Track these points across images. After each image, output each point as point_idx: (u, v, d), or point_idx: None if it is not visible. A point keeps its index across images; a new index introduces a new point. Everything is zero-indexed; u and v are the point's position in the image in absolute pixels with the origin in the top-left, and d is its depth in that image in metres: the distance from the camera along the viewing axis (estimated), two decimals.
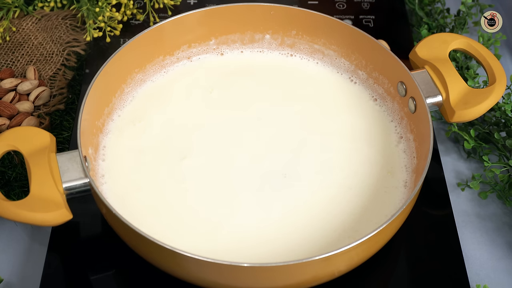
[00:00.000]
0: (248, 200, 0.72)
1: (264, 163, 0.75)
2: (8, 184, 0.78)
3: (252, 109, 0.80)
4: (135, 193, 0.72)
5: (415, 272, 0.73)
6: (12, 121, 0.83)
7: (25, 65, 0.91)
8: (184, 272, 0.65)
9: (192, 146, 0.76)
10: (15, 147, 0.67)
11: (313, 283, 0.66)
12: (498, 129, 0.85)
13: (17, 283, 0.73)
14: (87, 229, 0.75)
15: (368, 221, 0.70)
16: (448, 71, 0.77)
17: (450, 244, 0.74)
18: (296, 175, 0.74)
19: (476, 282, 0.74)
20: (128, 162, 0.75)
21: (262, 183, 0.73)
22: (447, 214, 0.76)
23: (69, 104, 0.88)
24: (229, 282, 0.64)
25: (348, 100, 0.82)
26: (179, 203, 0.71)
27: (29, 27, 0.95)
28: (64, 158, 0.67)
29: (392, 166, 0.75)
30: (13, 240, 0.76)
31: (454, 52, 0.91)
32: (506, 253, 0.77)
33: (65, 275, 0.71)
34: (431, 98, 0.76)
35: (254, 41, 0.87)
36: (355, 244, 0.61)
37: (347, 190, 0.73)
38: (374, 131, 0.79)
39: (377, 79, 0.82)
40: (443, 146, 0.87)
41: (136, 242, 0.66)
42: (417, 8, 0.99)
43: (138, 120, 0.79)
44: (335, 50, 0.85)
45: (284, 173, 0.74)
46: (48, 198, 0.64)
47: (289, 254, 0.67)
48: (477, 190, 0.82)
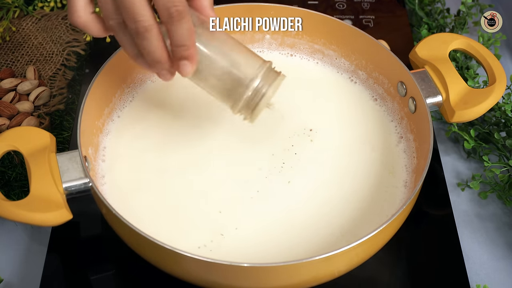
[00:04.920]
0: (248, 200, 0.72)
1: (264, 163, 0.75)
2: (8, 184, 0.78)
3: None
4: (135, 194, 0.72)
5: (415, 272, 0.73)
6: (12, 121, 0.83)
7: (25, 65, 0.91)
8: (184, 272, 0.65)
9: (192, 146, 0.76)
10: (15, 147, 0.67)
11: (313, 283, 0.66)
12: (498, 129, 0.85)
13: (17, 283, 0.73)
14: (87, 229, 0.75)
15: (368, 221, 0.70)
16: (448, 71, 0.77)
17: (450, 244, 0.74)
18: (296, 175, 0.74)
19: (476, 282, 0.74)
20: (128, 162, 0.75)
21: (262, 183, 0.73)
22: (447, 214, 0.76)
23: (69, 104, 0.88)
24: (229, 282, 0.64)
25: (348, 100, 0.82)
26: (179, 203, 0.71)
27: (29, 27, 0.95)
28: (64, 158, 0.67)
29: (392, 166, 0.75)
30: (13, 240, 0.76)
31: (454, 52, 0.91)
32: (506, 253, 0.77)
33: (65, 275, 0.71)
34: (431, 98, 0.76)
35: (254, 41, 0.87)
36: (355, 244, 0.61)
37: (347, 190, 0.73)
38: (374, 131, 0.79)
39: (377, 79, 0.82)
40: (443, 146, 0.87)
41: (136, 242, 0.66)
42: (417, 8, 0.99)
43: (138, 121, 0.79)
44: (335, 50, 0.85)
45: (284, 173, 0.74)
46: (48, 198, 0.64)
47: (289, 254, 0.67)
48: (477, 190, 0.82)
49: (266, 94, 0.67)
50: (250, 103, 0.67)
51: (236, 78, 0.67)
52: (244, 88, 0.67)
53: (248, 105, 0.68)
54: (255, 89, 0.67)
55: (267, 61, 0.68)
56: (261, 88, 0.67)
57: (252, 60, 0.67)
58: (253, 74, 0.67)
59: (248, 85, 0.67)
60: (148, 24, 0.59)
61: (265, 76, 0.67)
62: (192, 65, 0.63)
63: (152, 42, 0.60)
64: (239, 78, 0.67)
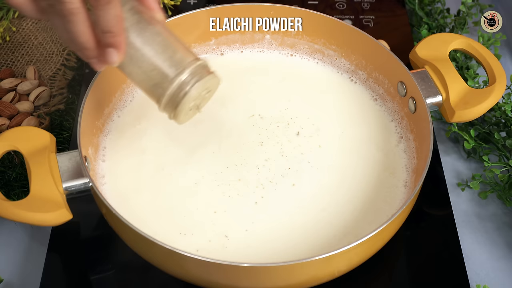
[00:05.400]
0: (248, 200, 0.72)
1: (264, 163, 0.75)
2: (8, 184, 0.78)
3: (253, 109, 0.80)
4: (135, 194, 0.72)
5: (415, 272, 0.73)
6: (12, 121, 0.83)
7: (25, 65, 0.91)
8: (184, 272, 0.65)
9: (193, 146, 0.76)
10: (15, 147, 0.67)
11: (313, 283, 0.66)
12: (498, 129, 0.85)
13: (17, 283, 0.73)
14: (87, 229, 0.75)
15: (369, 221, 0.70)
16: (448, 71, 0.77)
17: (450, 244, 0.74)
18: (296, 175, 0.74)
19: (476, 282, 0.74)
20: (128, 162, 0.75)
21: (263, 183, 0.73)
22: (447, 214, 0.76)
23: (69, 104, 0.88)
24: (229, 282, 0.64)
25: (348, 100, 0.82)
26: (179, 204, 0.71)
27: (29, 27, 0.95)
28: (64, 158, 0.67)
29: (392, 166, 0.75)
30: (13, 240, 0.76)
31: (454, 52, 0.91)
32: (506, 253, 0.77)
33: (65, 275, 0.71)
34: (431, 98, 0.76)
35: (254, 41, 0.87)
36: (355, 244, 0.61)
37: (347, 190, 0.73)
38: (374, 131, 0.79)
39: (377, 79, 0.82)
40: (443, 146, 0.87)
41: (136, 242, 0.66)
42: (417, 8, 0.99)
43: (138, 121, 0.79)
44: (335, 50, 0.85)
45: (284, 173, 0.74)
46: (48, 198, 0.64)
47: (289, 254, 0.67)
48: (477, 190, 0.82)
49: (190, 92, 0.64)
50: (173, 100, 0.64)
51: (162, 73, 0.64)
52: (167, 83, 0.63)
53: (171, 102, 0.64)
54: (179, 85, 0.63)
55: (199, 58, 0.65)
56: (185, 84, 0.63)
57: (182, 56, 0.64)
58: (179, 69, 0.64)
59: (172, 79, 0.63)
60: (74, 6, 0.58)
61: (192, 72, 0.64)
62: (119, 54, 0.61)
63: (77, 26, 0.59)
64: (165, 72, 0.63)
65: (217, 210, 0.71)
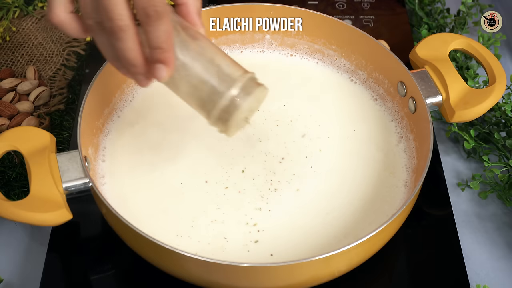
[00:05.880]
0: (248, 200, 0.72)
1: (264, 163, 0.75)
2: (8, 184, 0.78)
3: None
4: (135, 194, 0.72)
5: (415, 272, 0.73)
6: (12, 121, 0.83)
7: (25, 65, 0.91)
8: (184, 272, 0.65)
9: (193, 146, 0.76)
10: (15, 147, 0.67)
11: (313, 283, 0.66)
12: (498, 129, 0.85)
13: (17, 283, 0.73)
14: (87, 229, 0.75)
15: (368, 221, 0.70)
16: (448, 71, 0.77)
17: (450, 244, 0.74)
18: (296, 175, 0.74)
19: (476, 282, 0.74)
20: (128, 162, 0.75)
21: (263, 183, 0.73)
22: (447, 214, 0.76)
23: (69, 104, 0.88)
24: (229, 282, 0.64)
25: (348, 100, 0.82)
26: (179, 204, 0.71)
27: (29, 27, 0.95)
28: (64, 158, 0.67)
29: (393, 166, 0.75)
30: (13, 240, 0.76)
31: (454, 52, 0.91)
32: (506, 253, 0.77)
33: (65, 275, 0.71)
34: (431, 98, 0.76)
35: (254, 41, 0.87)
36: (355, 244, 0.61)
37: (347, 190, 0.73)
38: (374, 131, 0.79)
39: (377, 79, 0.82)
40: (443, 146, 0.87)
41: (136, 242, 0.66)
42: (417, 8, 0.99)
43: (138, 121, 0.79)
44: (335, 50, 0.85)
45: (284, 173, 0.74)
46: (48, 198, 0.64)
47: (289, 255, 0.67)
48: (477, 190, 0.82)
49: (241, 106, 0.63)
50: (224, 114, 0.64)
51: (212, 87, 0.63)
52: (218, 97, 0.63)
53: (222, 116, 0.64)
54: (230, 99, 0.63)
55: (249, 71, 0.65)
56: (237, 98, 0.63)
57: (231, 70, 0.64)
58: (230, 83, 0.63)
59: (223, 94, 0.63)
60: (124, 24, 0.57)
61: (242, 86, 0.63)
62: (168, 69, 0.60)
63: (127, 43, 0.58)
64: (215, 87, 0.63)
65: (217, 210, 0.71)
